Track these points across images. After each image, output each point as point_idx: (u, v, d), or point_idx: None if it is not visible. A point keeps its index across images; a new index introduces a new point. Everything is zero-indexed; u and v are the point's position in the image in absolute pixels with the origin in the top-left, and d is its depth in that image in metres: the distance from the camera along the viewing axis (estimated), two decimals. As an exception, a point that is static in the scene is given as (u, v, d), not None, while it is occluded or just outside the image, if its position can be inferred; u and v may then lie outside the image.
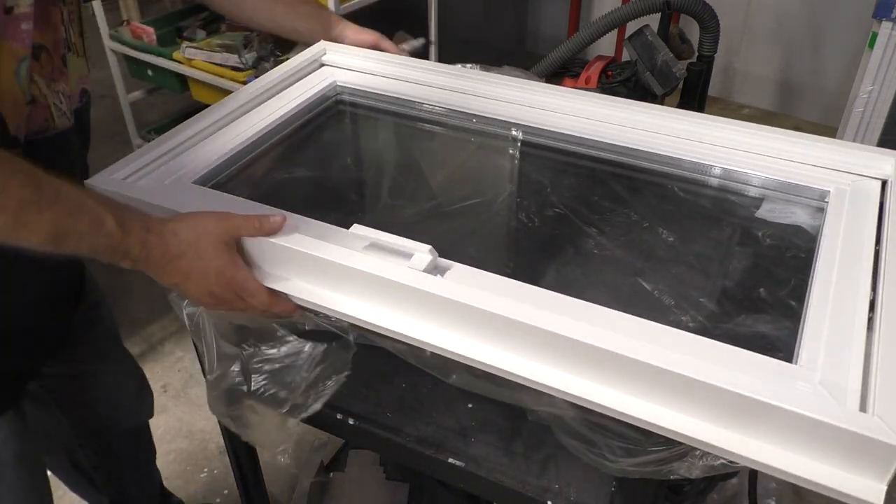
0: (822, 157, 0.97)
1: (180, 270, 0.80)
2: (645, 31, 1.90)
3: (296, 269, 0.83)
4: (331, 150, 1.16)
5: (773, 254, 0.93)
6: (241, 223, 0.81)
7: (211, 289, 0.81)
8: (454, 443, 0.92)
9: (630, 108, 1.08)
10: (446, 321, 0.75)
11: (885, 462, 0.60)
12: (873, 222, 0.87)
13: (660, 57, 1.84)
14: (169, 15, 2.94)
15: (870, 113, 1.80)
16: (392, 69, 1.21)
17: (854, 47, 2.61)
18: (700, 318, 0.83)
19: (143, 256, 0.77)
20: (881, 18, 1.72)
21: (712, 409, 0.66)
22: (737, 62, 3.03)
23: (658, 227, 0.97)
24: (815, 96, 2.91)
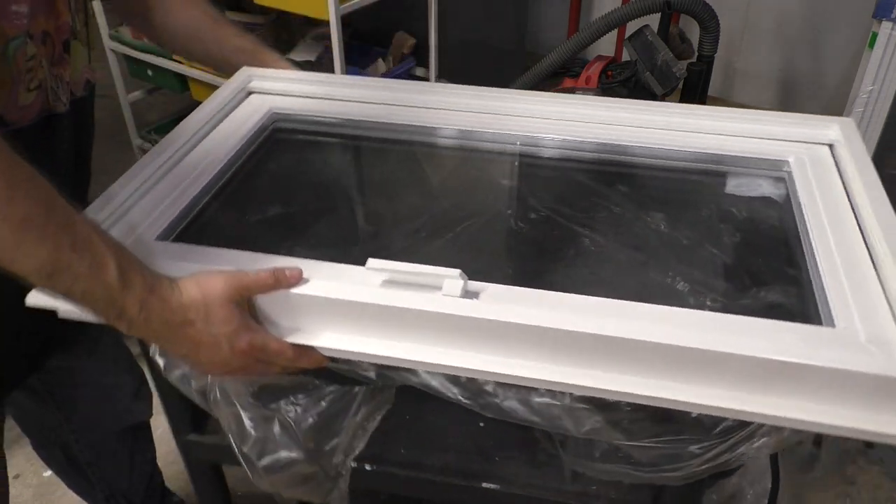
0: (772, 131, 1.03)
1: (189, 340, 0.71)
2: (645, 31, 1.90)
3: (316, 319, 0.75)
4: (291, 182, 1.09)
5: (754, 226, 0.96)
6: (252, 281, 0.73)
7: (225, 358, 0.73)
8: (480, 466, 0.89)
9: (585, 105, 1.08)
10: (490, 343, 0.72)
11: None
12: (839, 182, 0.93)
13: (660, 57, 1.84)
14: (169, 15, 2.93)
15: (870, 113, 1.80)
16: (330, 89, 1.13)
17: (854, 47, 2.61)
18: (718, 298, 0.84)
19: (140, 320, 0.68)
20: (881, 18, 1.72)
21: (774, 385, 0.67)
22: (737, 62, 3.03)
23: (644, 217, 0.97)
24: (815, 96, 2.91)
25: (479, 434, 0.92)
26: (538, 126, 1.06)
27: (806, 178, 0.94)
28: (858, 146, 0.97)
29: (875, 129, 1.82)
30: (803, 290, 0.80)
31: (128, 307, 0.67)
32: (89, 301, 0.67)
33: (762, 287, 0.84)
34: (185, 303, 0.70)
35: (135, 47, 2.76)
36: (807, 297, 0.79)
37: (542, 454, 0.89)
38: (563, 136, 1.04)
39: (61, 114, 0.91)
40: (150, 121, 3.13)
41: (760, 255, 0.91)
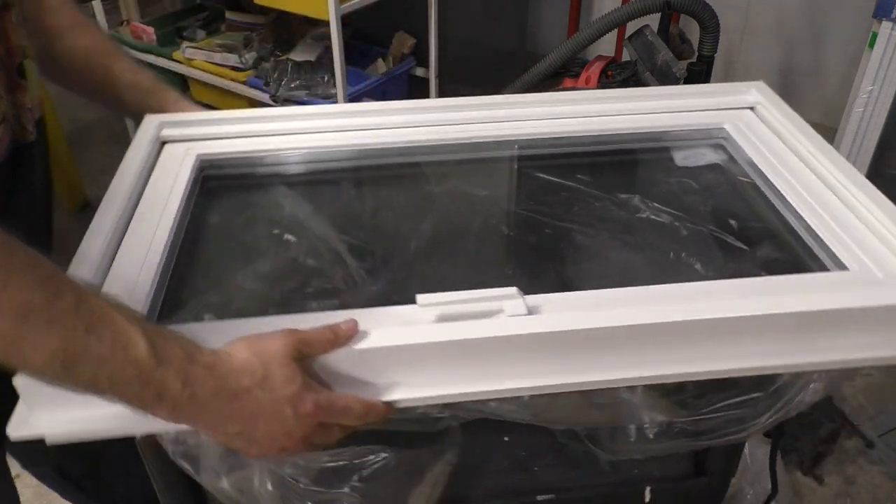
0: (699, 102, 1.08)
1: (244, 412, 0.61)
2: (645, 31, 1.90)
3: (378, 370, 0.68)
4: (256, 230, 0.98)
5: (721, 192, 1.00)
6: (311, 338, 0.65)
7: (288, 428, 0.63)
8: (524, 481, 0.88)
9: (523, 105, 1.07)
10: (563, 354, 0.70)
11: None
12: (775, 138, 1.00)
13: (660, 57, 1.84)
14: (169, 15, 2.94)
15: (870, 113, 1.80)
16: (253, 126, 1.04)
17: (854, 47, 2.61)
18: (725, 265, 0.86)
19: (185, 398, 0.58)
20: (881, 18, 1.72)
21: (820, 333, 0.71)
22: (737, 62, 3.02)
23: (617, 203, 0.98)
24: (815, 96, 2.91)
25: (509, 449, 0.89)
26: (484, 132, 1.04)
27: (747, 139, 1.00)
28: (778, 104, 1.06)
29: (875, 129, 1.82)
30: (797, 241, 0.84)
31: (168, 384, 0.57)
32: (120, 387, 0.56)
33: (758, 247, 0.88)
34: (237, 367, 0.61)
35: (135, 47, 2.76)
36: (804, 247, 0.83)
37: (575, 454, 0.87)
38: (512, 137, 1.04)
39: (31, 143, 0.85)
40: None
41: (739, 217, 0.94)
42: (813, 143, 0.95)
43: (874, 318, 0.70)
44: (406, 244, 0.93)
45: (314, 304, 0.80)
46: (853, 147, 1.85)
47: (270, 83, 2.45)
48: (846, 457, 1.75)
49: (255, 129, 1.03)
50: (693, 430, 0.77)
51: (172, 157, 0.98)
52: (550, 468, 0.88)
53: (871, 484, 1.69)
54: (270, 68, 2.50)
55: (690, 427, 0.77)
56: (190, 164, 0.97)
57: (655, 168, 1.06)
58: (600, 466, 0.86)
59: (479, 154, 1.05)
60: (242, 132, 1.03)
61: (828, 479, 1.69)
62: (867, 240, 0.81)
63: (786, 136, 0.99)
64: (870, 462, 1.73)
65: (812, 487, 1.68)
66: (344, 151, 1.03)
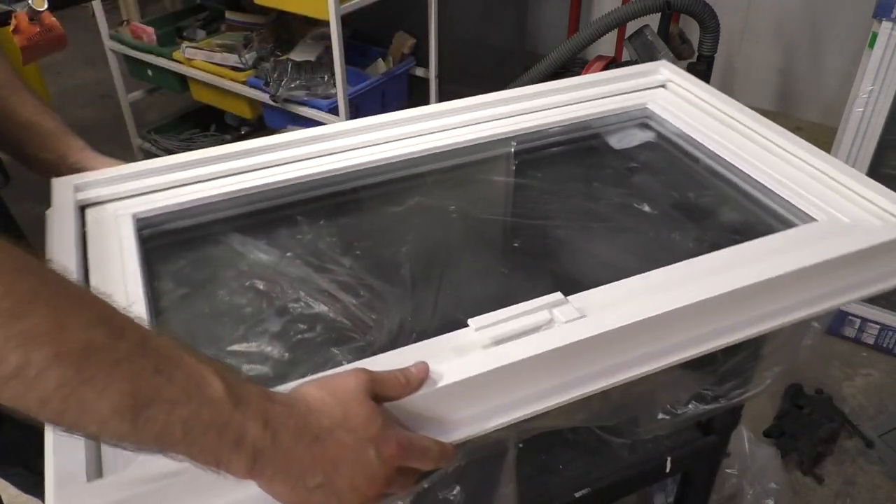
0: (618, 87, 1.12)
1: (326, 459, 0.54)
2: (645, 31, 1.90)
3: (451, 408, 0.64)
4: (240, 287, 0.86)
5: (661, 168, 1.04)
6: (384, 379, 0.59)
7: (372, 473, 0.56)
8: (557, 482, 0.89)
9: (449, 113, 1.06)
10: (615, 349, 0.69)
11: None
12: (695, 110, 1.05)
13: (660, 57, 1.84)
14: (169, 15, 2.94)
15: (870, 113, 1.80)
16: (185, 174, 0.95)
17: (854, 47, 2.61)
18: (701, 239, 0.89)
19: (266, 441, 0.51)
20: (881, 18, 1.72)
21: (813, 283, 0.76)
22: (737, 62, 3.02)
23: (575, 194, 1.01)
24: (815, 96, 2.91)
25: (527, 456, 0.87)
26: (412, 147, 1.01)
27: (671, 113, 1.05)
28: (686, 77, 1.11)
29: (875, 129, 1.82)
30: (754, 201, 0.89)
31: (247, 427, 0.50)
32: (195, 434, 0.49)
33: (726, 212, 0.91)
34: (315, 408, 0.54)
35: (135, 47, 2.76)
36: (763, 206, 0.88)
37: (591, 444, 0.91)
38: (447, 147, 1.02)
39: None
40: (150, 121, 3.13)
41: (695, 188, 0.97)
42: (732, 107, 1.00)
43: (861, 258, 0.76)
44: (395, 270, 0.89)
45: (336, 351, 0.75)
46: (853, 147, 1.85)
47: (270, 83, 2.45)
48: (846, 457, 1.75)
49: (186, 178, 0.94)
50: (713, 395, 0.80)
51: (101, 221, 0.87)
52: (573, 464, 0.90)
53: (871, 484, 1.69)
54: (270, 68, 2.50)
55: (711, 393, 0.80)
56: (130, 227, 0.86)
57: (596, 155, 1.09)
58: (618, 451, 0.89)
59: (422, 168, 1.02)
60: (171, 182, 0.93)
61: (828, 479, 1.69)
62: (819, 190, 0.85)
63: (704, 106, 1.05)
64: (870, 462, 1.73)
65: (812, 487, 1.68)
66: (279, 188, 0.96)
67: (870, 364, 2.00)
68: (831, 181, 0.86)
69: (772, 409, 1.86)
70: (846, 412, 1.83)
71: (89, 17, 2.88)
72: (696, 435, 0.95)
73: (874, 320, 1.99)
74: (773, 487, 1.54)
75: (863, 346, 2.04)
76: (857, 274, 0.77)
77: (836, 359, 2.02)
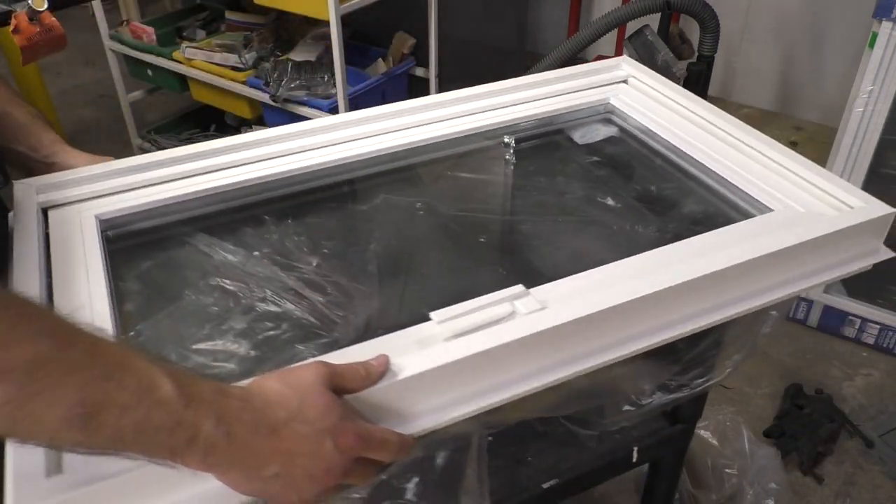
0: (581, 83, 1.14)
1: (282, 450, 0.55)
2: (645, 31, 1.90)
3: (411, 400, 0.65)
4: (206, 286, 0.85)
5: (623, 162, 1.05)
6: (344, 372, 0.60)
7: (329, 464, 0.57)
8: (527, 473, 0.90)
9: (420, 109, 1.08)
10: (575, 340, 0.70)
11: (885, 226, 0.82)
12: (654, 104, 1.06)
13: (660, 57, 1.84)
14: (169, 15, 2.94)
15: (870, 113, 1.80)
16: (148, 174, 0.94)
17: (854, 47, 2.61)
18: (665, 229, 0.91)
19: (219, 437, 0.52)
20: (881, 18, 1.72)
21: (775, 269, 0.78)
22: (737, 62, 3.02)
23: (538, 188, 1.02)
24: (815, 96, 2.91)
25: (498, 448, 0.89)
26: (377, 146, 1.02)
27: (635, 109, 1.07)
28: (647, 72, 1.13)
29: (875, 129, 1.82)
30: (714, 193, 0.91)
31: (200, 424, 0.51)
32: (147, 436, 0.50)
33: (685, 204, 0.93)
34: (272, 400, 0.55)
35: (135, 47, 2.76)
36: (723, 197, 0.90)
37: (559, 435, 0.92)
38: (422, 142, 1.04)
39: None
40: (150, 121, 3.13)
41: (656, 181, 0.99)
42: (692, 101, 1.02)
43: (815, 246, 0.78)
44: (362, 267, 0.89)
45: (301, 347, 0.76)
46: (853, 147, 1.85)
47: (270, 83, 2.45)
48: (846, 457, 1.75)
49: (150, 178, 0.93)
50: (677, 384, 0.82)
51: (64, 223, 0.86)
52: (543, 455, 0.92)
53: (871, 484, 1.69)
54: (270, 68, 2.50)
55: (675, 382, 0.82)
56: (93, 229, 0.85)
57: (561, 150, 1.10)
58: (586, 442, 0.91)
59: (390, 165, 1.03)
60: (134, 183, 0.93)
61: (828, 479, 1.69)
62: (773, 180, 0.87)
63: (664, 101, 1.07)
64: (870, 462, 1.73)
65: (812, 487, 1.68)
66: (246, 187, 0.96)
67: (870, 364, 2.00)
68: (788, 172, 0.88)
69: (772, 409, 1.86)
70: (846, 412, 1.83)
71: (89, 17, 2.88)
72: (662, 425, 0.97)
73: (874, 320, 2.00)
74: (773, 487, 1.54)
75: (863, 346, 2.04)
76: (812, 262, 0.79)
77: (836, 359, 2.02)
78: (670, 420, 0.98)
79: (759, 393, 1.91)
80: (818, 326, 2.09)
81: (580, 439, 0.89)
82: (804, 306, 2.08)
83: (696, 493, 1.54)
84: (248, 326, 0.79)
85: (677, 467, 1.07)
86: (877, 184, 1.89)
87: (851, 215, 0.81)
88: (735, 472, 1.56)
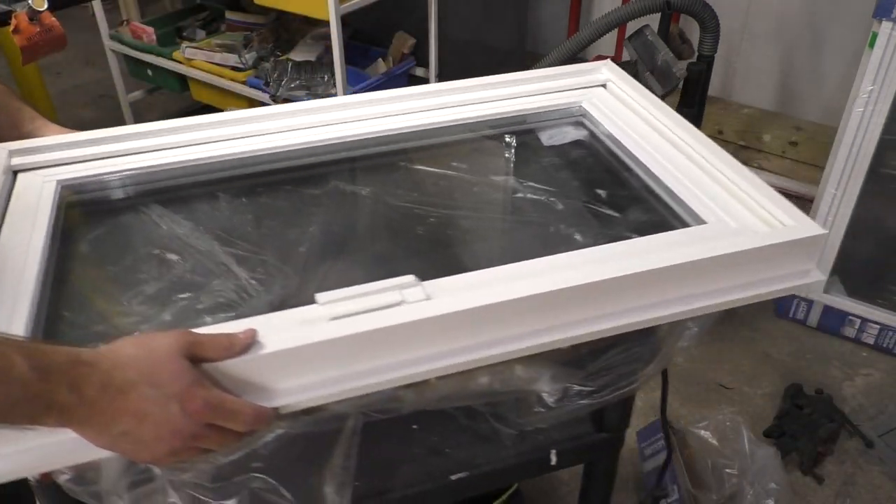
0: (558, 84, 1.15)
1: (130, 410, 0.59)
2: (645, 31, 1.90)
3: (276, 375, 0.66)
4: (140, 254, 0.91)
5: (585, 165, 1.07)
6: (204, 341, 0.63)
7: (176, 427, 0.60)
8: (440, 464, 0.92)
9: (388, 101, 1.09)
10: (464, 334, 0.71)
11: (817, 248, 0.80)
12: (627, 111, 1.07)
13: (660, 57, 1.84)
14: (169, 15, 2.94)
15: (870, 113, 1.80)
16: (116, 146, 0.98)
17: (854, 47, 2.61)
18: (600, 233, 0.93)
19: (72, 401, 0.57)
20: (881, 18, 1.72)
21: (695, 281, 0.77)
22: (737, 62, 3.02)
23: (494, 185, 1.03)
24: (815, 96, 2.91)
25: (420, 437, 0.93)
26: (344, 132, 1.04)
27: (604, 114, 1.08)
28: (626, 79, 1.13)
29: (875, 129, 1.82)
30: (661, 203, 0.93)
31: (54, 394, 0.56)
32: (7, 408, 0.55)
33: (628, 212, 0.95)
34: (122, 362, 0.59)
35: (135, 47, 2.76)
36: (667, 207, 0.92)
37: (483, 430, 0.93)
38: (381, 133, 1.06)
39: None
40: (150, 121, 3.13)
41: (608, 187, 1.01)
42: (662, 112, 1.03)
43: (735, 262, 0.77)
44: (295, 249, 0.92)
45: (209, 319, 0.78)
46: (853, 147, 1.85)
47: (270, 83, 2.45)
48: (846, 457, 1.75)
49: (116, 150, 0.97)
50: (589, 391, 0.82)
51: (29, 186, 0.91)
52: (461, 448, 0.93)
53: (871, 484, 1.69)
54: (270, 68, 2.50)
55: (587, 388, 0.82)
56: (51, 192, 0.90)
57: (527, 149, 1.11)
58: (507, 440, 0.91)
59: (350, 153, 1.06)
60: (103, 153, 0.97)
61: (828, 479, 1.69)
62: (719, 195, 0.88)
63: (637, 108, 1.07)
64: (870, 462, 1.73)
65: (812, 487, 1.68)
66: (209, 164, 0.99)
67: (870, 364, 2.00)
68: (736, 189, 0.88)
69: (772, 409, 1.86)
70: (846, 412, 1.83)
71: (89, 17, 2.88)
72: (587, 430, 0.97)
73: (874, 320, 1.99)
74: (773, 487, 1.54)
75: (863, 346, 2.04)
76: (731, 278, 0.78)
77: (836, 359, 2.02)
78: (596, 427, 0.98)
79: (759, 393, 1.91)
80: (818, 326, 2.09)
81: (501, 436, 0.91)
82: (804, 306, 2.08)
83: (696, 493, 1.54)
84: (169, 294, 0.83)
85: (608, 475, 1.07)
86: (877, 184, 1.89)
87: (775, 234, 0.80)
88: (735, 472, 1.56)
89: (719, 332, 2.08)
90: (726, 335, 2.08)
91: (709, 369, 1.97)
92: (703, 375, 1.95)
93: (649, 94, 1.08)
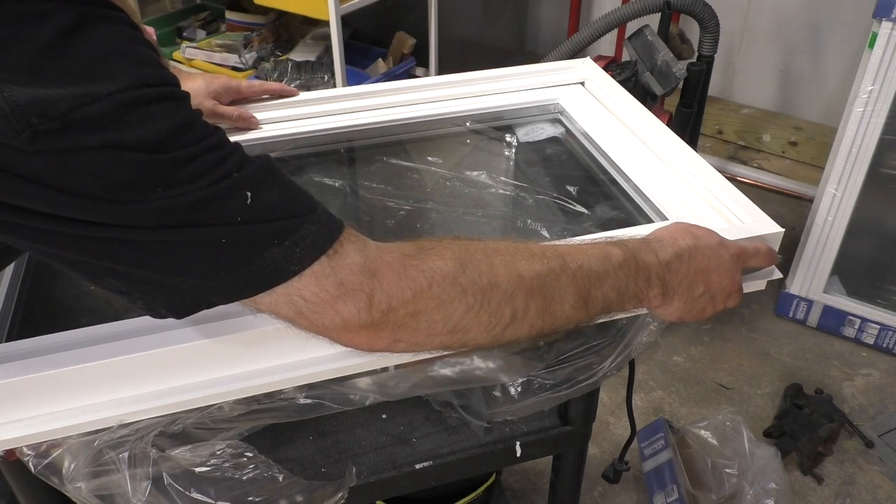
0: (536, 81, 1.16)
1: (701, 269, 0.68)
2: (645, 31, 1.90)
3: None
4: None
5: (558, 162, 1.09)
6: (748, 248, 0.73)
7: (732, 274, 0.70)
8: (406, 453, 0.93)
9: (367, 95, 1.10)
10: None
11: (774, 246, 0.79)
12: (602, 108, 1.09)
13: (660, 57, 1.84)
14: (169, 15, 2.94)
15: (870, 113, 1.79)
16: None
17: (854, 47, 2.61)
18: (567, 227, 0.96)
19: (663, 269, 0.67)
20: (881, 18, 1.72)
21: None
22: (737, 62, 3.02)
23: (469, 180, 1.05)
24: (815, 96, 2.91)
25: (388, 426, 0.96)
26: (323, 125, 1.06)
27: (580, 112, 1.09)
28: (604, 78, 1.15)
29: (875, 129, 1.82)
30: (628, 200, 0.95)
31: (649, 264, 0.66)
32: (624, 291, 0.65)
33: (596, 208, 0.98)
34: (668, 239, 0.68)
35: (135, 47, 2.76)
36: (633, 204, 0.94)
37: (450, 421, 0.95)
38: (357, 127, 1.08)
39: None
40: (150, 121, 3.13)
41: (579, 184, 1.03)
42: (637, 111, 1.05)
43: None
44: None
45: None
46: (853, 147, 1.85)
47: (270, 83, 2.45)
48: (846, 457, 1.75)
49: None
50: (551, 384, 0.84)
51: None
52: (428, 438, 0.94)
53: (871, 484, 1.69)
54: (270, 68, 2.50)
55: (549, 381, 0.84)
56: None
57: (501, 145, 1.13)
58: (476, 432, 0.94)
59: (332, 146, 1.09)
60: None
61: (828, 479, 1.69)
62: (684, 193, 0.91)
63: (612, 107, 1.09)
64: (870, 462, 1.73)
65: (812, 487, 1.68)
66: None
67: (870, 364, 2.00)
68: (699, 186, 0.90)
69: (772, 409, 1.86)
70: (846, 412, 1.83)
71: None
72: (553, 423, 0.99)
73: (874, 320, 2.00)
74: (773, 487, 1.54)
75: (863, 346, 2.04)
76: None
77: (835, 359, 2.02)
78: (563, 420, 1.00)
79: (758, 393, 1.91)
80: (818, 326, 2.09)
81: (471, 428, 0.94)
82: (804, 306, 2.08)
83: (696, 493, 1.54)
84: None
85: (576, 468, 1.08)
86: (877, 184, 1.89)
87: (732, 231, 0.80)
88: (735, 472, 1.56)
89: (719, 331, 2.08)
90: (726, 335, 2.08)
91: (709, 369, 1.97)
92: (703, 375, 1.96)
93: (625, 93, 1.10)
